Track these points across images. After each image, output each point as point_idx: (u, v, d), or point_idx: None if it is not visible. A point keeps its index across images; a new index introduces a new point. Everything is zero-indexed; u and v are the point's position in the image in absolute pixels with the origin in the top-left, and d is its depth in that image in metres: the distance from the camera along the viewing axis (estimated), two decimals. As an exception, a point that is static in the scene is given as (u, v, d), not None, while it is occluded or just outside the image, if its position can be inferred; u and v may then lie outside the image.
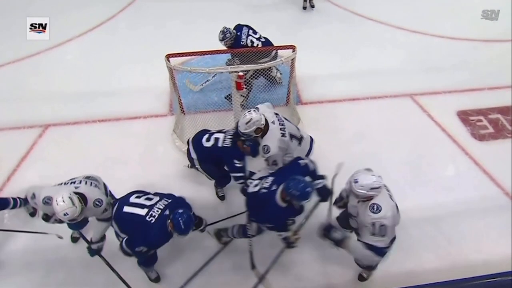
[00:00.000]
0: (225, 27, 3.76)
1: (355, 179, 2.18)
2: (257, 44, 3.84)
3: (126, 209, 2.37)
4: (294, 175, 2.28)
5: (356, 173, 2.24)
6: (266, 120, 2.66)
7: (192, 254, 2.97)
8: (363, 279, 2.86)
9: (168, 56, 3.40)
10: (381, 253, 2.23)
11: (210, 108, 4.13)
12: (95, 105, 4.26)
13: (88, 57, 4.97)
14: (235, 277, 2.85)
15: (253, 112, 2.59)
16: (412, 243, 3.02)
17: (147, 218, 2.28)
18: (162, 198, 2.42)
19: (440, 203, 3.34)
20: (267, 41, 3.96)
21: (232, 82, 3.29)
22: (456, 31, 5.34)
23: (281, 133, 2.66)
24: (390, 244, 2.25)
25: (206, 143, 2.85)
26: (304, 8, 5.85)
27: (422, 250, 3.04)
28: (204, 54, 3.64)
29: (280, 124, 2.71)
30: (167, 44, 3.76)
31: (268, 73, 3.95)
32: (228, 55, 3.90)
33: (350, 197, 2.38)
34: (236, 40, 3.79)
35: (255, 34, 3.88)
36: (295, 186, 2.20)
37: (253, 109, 2.64)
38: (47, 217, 2.62)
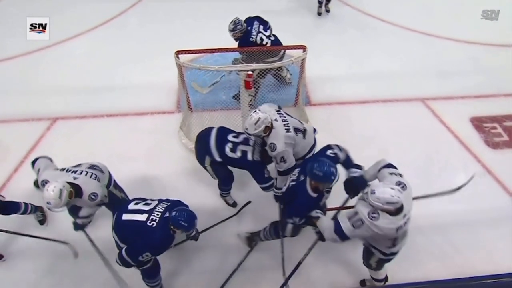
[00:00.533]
0: (238, 18, 3.69)
1: (373, 190, 2.01)
2: (266, 43, 3.77)
3: (125, 217, 2.30)
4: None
5: (375, 183, 2.09)
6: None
7: (199, 265, 2.95)
8: (364, 285, 2.81)
9: (178, 53, 3.37)
10: (341, 234, 2.14)
11: (218, 107, 4.09)
12: (103, 100, 4.27)
13: (98, 52, 4.99)
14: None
15: (259, 112, 2.58)
16: (419, 251, 2.96)
17: (148, 223, 2.21)
18: (161, 202, 2.37)
19: (449, 211, 3.25)
20: (276, 40, 3.89)
21: (241, 81, 3.26)
22: (472, 35, 5.21)
23: (286, 129, 2.65)
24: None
25: (232, 154, 2.78)
26: (319, 14, 5.67)
27: (429, 259, 2.97)
28: (214, 52, 3.61)
29: (283, 120, 2.69)
30: (177, 41, 3.73)
31: (278, 73, 3.90)
32: (234, 53, 3.83)
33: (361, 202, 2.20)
34: (246, 34, 3.71)
35: (266, 32, 3.80)
36: (318, 167, 2.16)
37: (257, 110, 2.63)
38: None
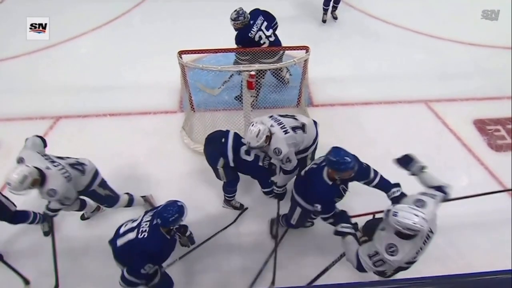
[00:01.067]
0: (242, 9, 3.62)
1: (395, 212, 1.92)
2: (264, 42, 3.70)
3: (120, 242, 2.25)
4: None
5: (400, 206, 1.98)
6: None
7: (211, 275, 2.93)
8: None
9: (181, 53, 3.38)
10: (363, 270, 2.21)
11: (220, 107, 4.10)
12: (106, 99, 4.29)
13: (102, 51, 5.00)
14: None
15: (257, 124, 2.61)
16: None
17: (139, 236, 2.16)
18: (146, 213, 2.34)
19: (452, 214, 3.17)
20: (277, 41, 3.80)
21: (244, 81, 3.26)
22: (475, 37, 5.17)
23: (284, 131, 2.68)
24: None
25: (246, 156, 2.82)
26: (324, 22, 5.51)
27: (431, 261, 2.92)
28: (217, 52, 3.60)
29: (279, 124, 2.71)
30: (180, 41, 3.74)
31: (278, 72, 3.87)
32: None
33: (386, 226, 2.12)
34: (246, 28, 3.63)
35: (267, 31, 3.70)
36: (334, 154, 2.20)
37: (254, 122, 2.65)
38: None
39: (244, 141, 2.76)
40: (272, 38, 3.76)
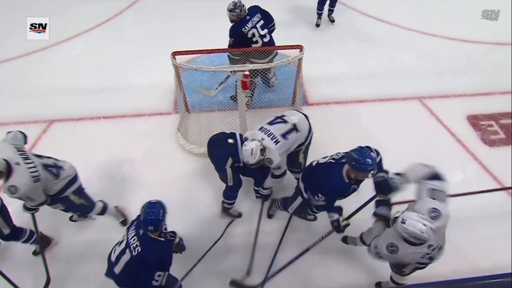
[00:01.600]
0: (240, 1, 3.56)
1: (404, 219, 1.91)
2: (257, 41, 3.64)
3: (117, 270, 2.17)
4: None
5: (408, 212, 1.98)
6: None
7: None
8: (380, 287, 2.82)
9: (174, 54, 3.36)
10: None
11: (215, 107, 4.09)
12: (100, 102, 4.24)
13: (94, 53, 4.95)
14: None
15: (249, 143, 2.64)
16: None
17: (134, 254, 2.08)
18: (128, 230, 2.22)
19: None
20: (271, 42, 3.75)
21: (238, 81, 3.25)
22: (468, 33, 5.21)
23: (274, 142, 2.69)
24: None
25: None
26: (317, 26, 5.44)
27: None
28: (210, 53, 3.59)
29: (269, 135, 2.72)
30: (173, 42, 3.71)
31: (265, 74, 3.84)
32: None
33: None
34: (240, 22, 3.56)
35: (262, 30, 3.64)
36: (358, 152, 2.22)
37: (245, 143, 2.68)
38: None
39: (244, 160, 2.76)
40: (267, 39, 3.71)
